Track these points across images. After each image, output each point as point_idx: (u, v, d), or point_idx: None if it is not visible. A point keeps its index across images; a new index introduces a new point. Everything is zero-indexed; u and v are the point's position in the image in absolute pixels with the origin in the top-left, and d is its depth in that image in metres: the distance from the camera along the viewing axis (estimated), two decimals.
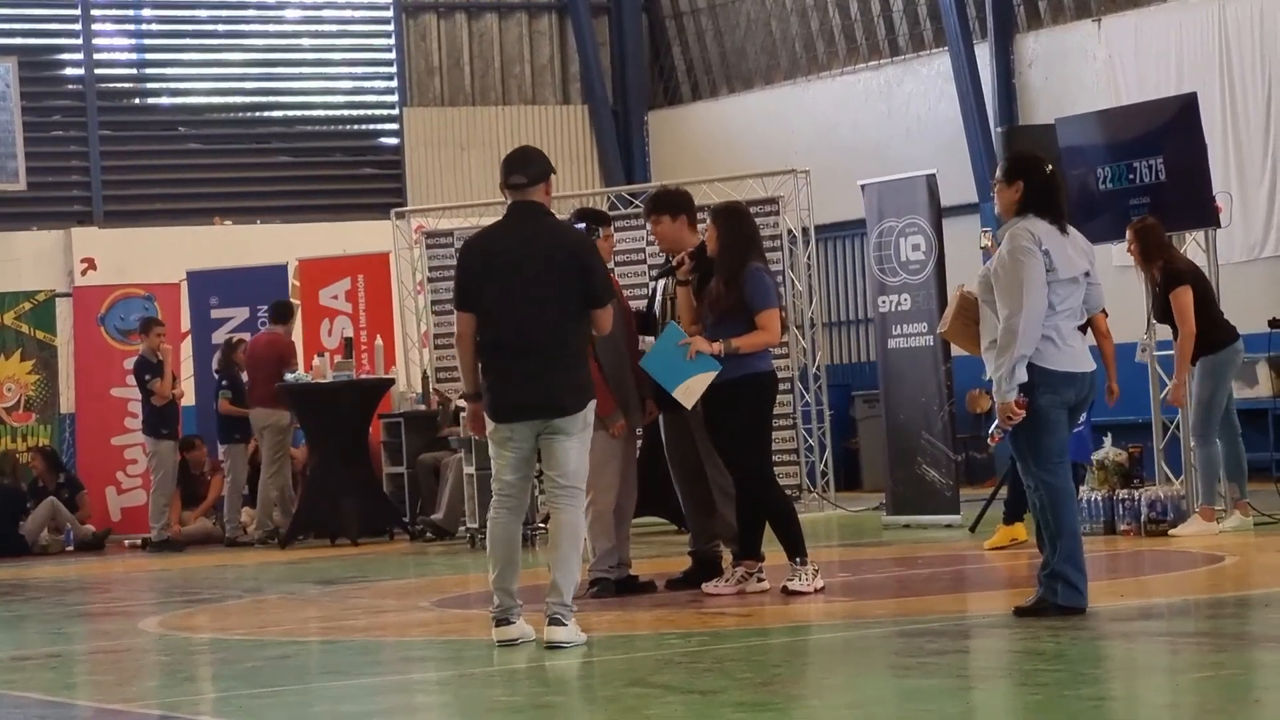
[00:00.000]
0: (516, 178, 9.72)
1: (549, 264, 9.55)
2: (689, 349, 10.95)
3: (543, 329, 9.51)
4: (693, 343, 10.96)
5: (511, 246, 9.63)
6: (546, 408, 9.48)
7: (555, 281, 9.53)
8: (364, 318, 20.85)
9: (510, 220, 9.77)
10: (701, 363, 10.96)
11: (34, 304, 21.38)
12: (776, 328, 11.26)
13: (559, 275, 9.54)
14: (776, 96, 25.90)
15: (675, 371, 11.04)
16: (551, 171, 9.81)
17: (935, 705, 7.40)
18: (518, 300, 9.52)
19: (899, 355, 16.62)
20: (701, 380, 10.99)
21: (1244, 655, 8.45)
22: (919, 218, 16.45)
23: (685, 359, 10.97)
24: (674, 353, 11.03)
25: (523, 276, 9.53)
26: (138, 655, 10.63)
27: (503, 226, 9.82)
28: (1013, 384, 9.28)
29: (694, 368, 10.98)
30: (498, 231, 9.83)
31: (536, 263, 9.55)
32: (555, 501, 9.59)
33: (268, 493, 19.25)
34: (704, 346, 10.96)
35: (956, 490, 16.36)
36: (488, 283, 9.61)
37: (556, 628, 9.39)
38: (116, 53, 26.03)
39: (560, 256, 9.59)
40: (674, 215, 11.82)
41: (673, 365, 11.04)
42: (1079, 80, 22.02)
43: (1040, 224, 9.45)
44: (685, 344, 10.97)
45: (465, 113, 26.84)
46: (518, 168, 9.73)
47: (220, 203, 25.54)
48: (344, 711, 8.07)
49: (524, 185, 9.70)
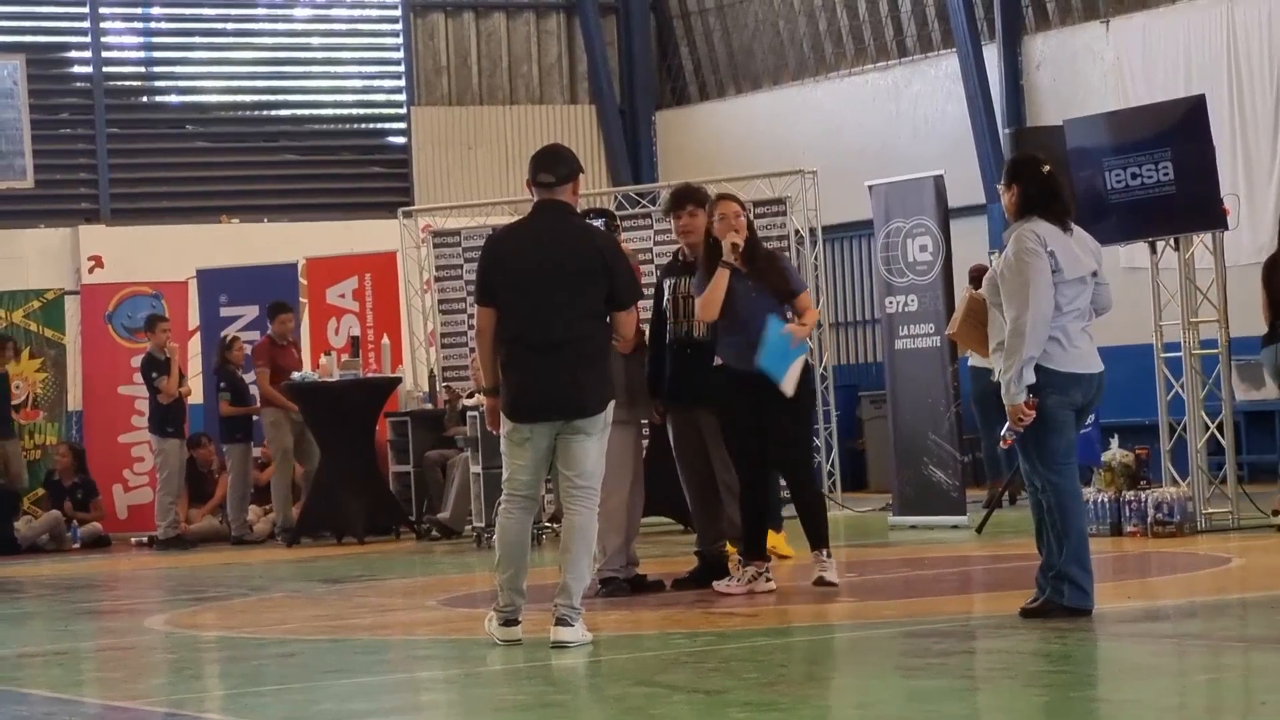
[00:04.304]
0: (545, 176, 9.65)
1: (575, 264, 9.49)
2: (792, 338, 11.14)
3: (565, 328, 9.44)
4: (794, 331, 11.16)
5: (536, 245, 9.56)
6: (568, 407, 9.42)
7: (580, 282, 9.47)
8: (371, 316, 20.86)
9: (536, 218, 9.69)
10: (800, 349, 11.21)
11: (42, 302, 21.41)
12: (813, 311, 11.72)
13: (584, 276, 9.49)
14: (784, 97, 25.90)
15: (782, 362, 11.17)
16: (580, 171, 9.75)
17: (941, 706, 7.40)
18: (541, 299, 9.47)
19: (906, 356, 16.62)
20: (798, 365, 11.20)
21: (1250, 657, 8.45)
22: (926, 219, 16.45)
23: (790, 348, 11.15)
24: (780, 343, 11.13)
25: (546, 276, 9.47)
26: (144, 652, 10.63)
27: (528, 224, 9.75)
28: (1021, 386, 9.27)
29: (794, 355, 11.18)
30: (523, 229, 9.77)
31: (562, 262, 9.49)
32: (570, 502, 9.52)
33: (275, 490, 19.30)
34: (801, 333, 11.21)
35: (963, 491, 16.36)
36: (510, 279, 9.54)
37: (563, 628, 9.37)
38: (125, 51, 26.05)
39: (586, 257, 9.54)
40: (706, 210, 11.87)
41: (780, 357, 11.16)
42: (1087, 81, 22.02)
43: (1044, 225, 9.43)
44: (786, 332, 11.13)
45: (473, 112, 26.85)
46: (547, 166, 9.66)
47: (228, 201, 25.56)
48: (350, 710, 8.08)
49: (552, 184, 9.64)
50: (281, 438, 19.19)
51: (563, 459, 9.51)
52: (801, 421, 11.44)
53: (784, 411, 11.18)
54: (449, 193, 25.70)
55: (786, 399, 11.15)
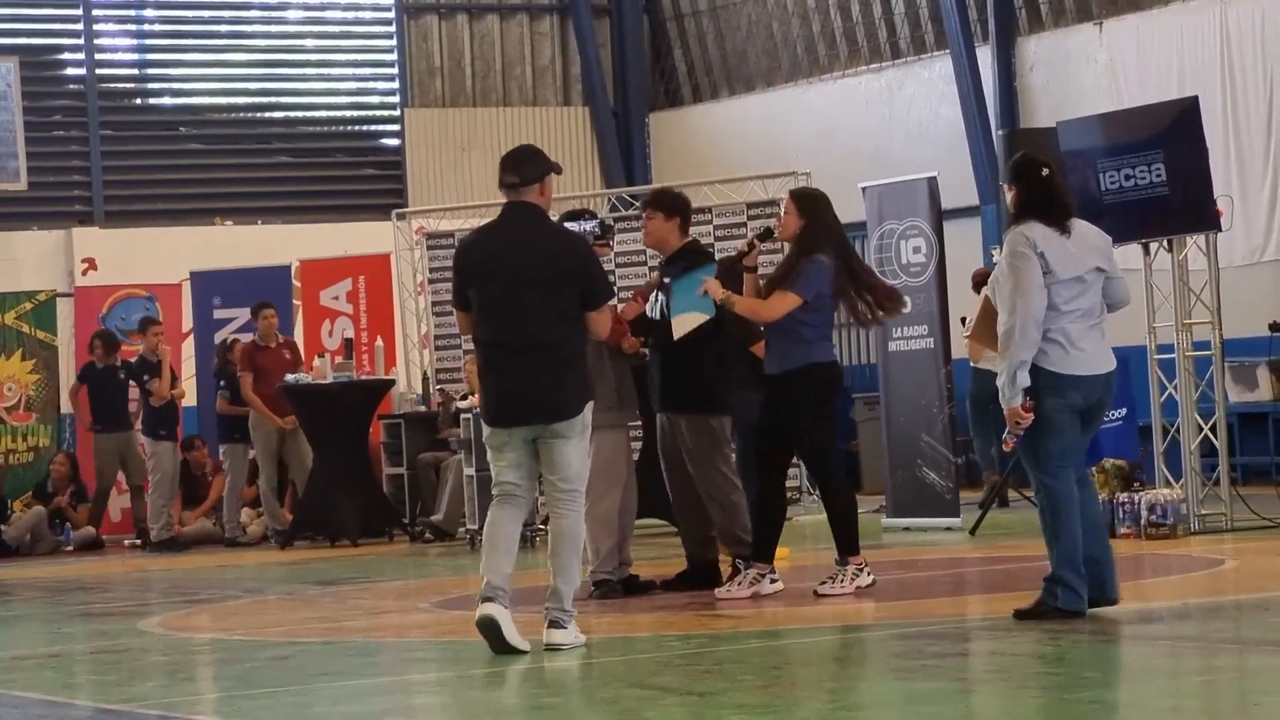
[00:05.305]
0: (509, 177, 9.60)
1: (547, 266, 9.46)
2: (700, 287, 11.18)
3: (540, 331, 9.41)
4: (707, 283, 11.16)
5: (504, 248, 9.53)
6: (544, 412, 9.39)
7: (554, 284, 9.44)
8: (365, 318, 20.86)
9: (504, 221, 9.65)
10: (704, 303, 11.24)
11: (35, 304, 21.39)
12: (778, 309, 11.04)
13: (558, 277, 9.45)
14: (777, 99, 25.91)
15: (683, 301, 11.32)
16: (550, 172, 9.65)
17: (935, 708, 7.39)
18: (512, 302, 9.43)
19: (899, 358, 16.62)
20: (694, 318, 11.33)
21: (1243, 659, 8.45)
22: (920, 220, 16.45)
23: (696, 293, 11.21)
24: (693, 284, 11.27)
25: (517, 278, 9.43)
26: (137, 655, 10.62)
27: (496, 226, 9.71)
28: (1016, 389, 9.25)
29: (696, 305, 11.26)
30: (493, 232, 9.74)
31: (532, 264, 9.45)
32: (556, 506, 9.50)
33: (262, 493, 19.31)
34: (715, 292, 11.16)
35: (956, 493, 16.36)
36: (480, 283, 9.53)
37: (556, 630, 9.35)
38: (118, 53, 26.05)
39: (559, 258, 9.51)
40: (668, 215, 11.84)
41: (686, 295, 11.30)
42: (1080, 83, 22.03)
43: (1037, 227, 9.42)
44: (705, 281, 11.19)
45: (466, 114, 26.85)
46: (510, 167, 9.61)
47: (221, 203, 25.56)
48: (343, 712, 8.07)
49: (516, 185, 9.58)
50: (263, 441, 19.18)
51: (545, 464, 9.47)
52: (817, 427, 11.17)
53: (800, 416, 11.10)
54: (443, 195, 25.70)
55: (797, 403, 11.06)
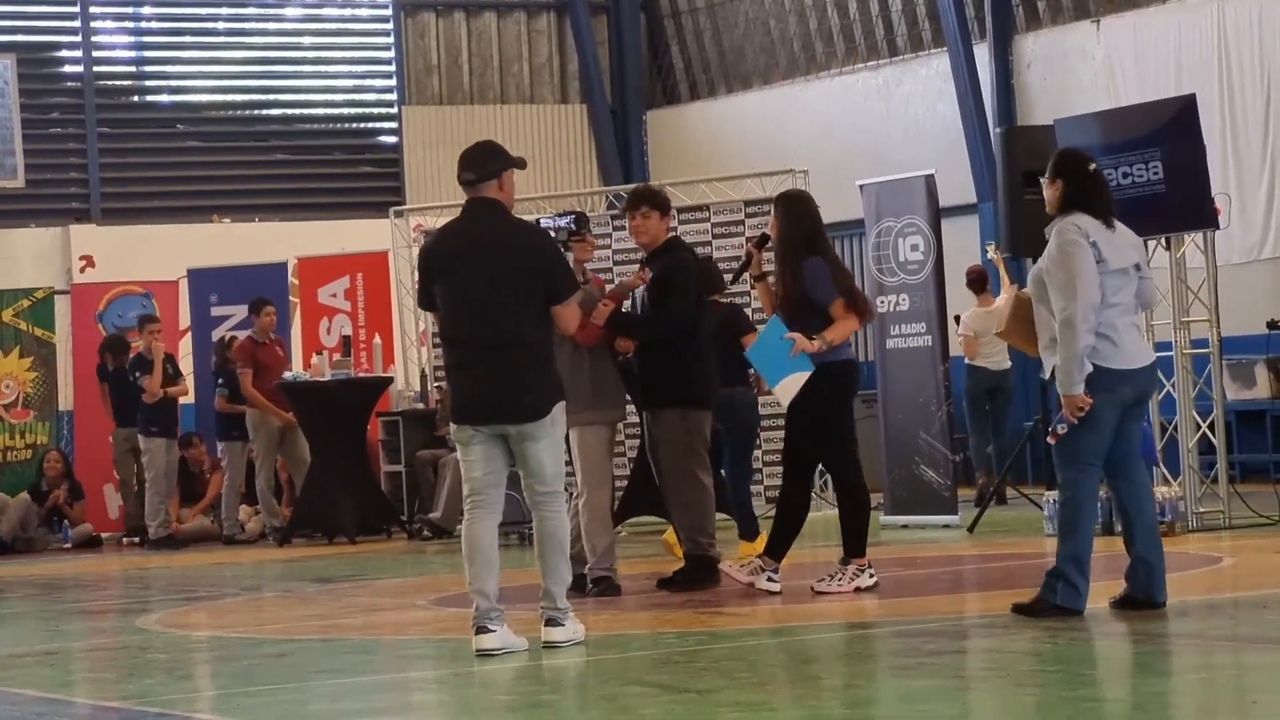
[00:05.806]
0: (465, 174, 9.50)
1: (507, 262, 9.35)
2: (792, 346, 10.91)
3: (504, 327, 9.32)
4: (796, 340, 10.91)
5: (466, 245, 9.44)
6: (512, 413, 9.31)
7: (514, 279, 9.33)
8: (363, 316, 20.86)
9: (464, 219, 9.56)
10: (800, 361, 10.95)
11: (32, 301, 21.38)
12: (851, 326, 11.12)
13: (522, 274, 9.35)
14: (775, 96, 25.91)
15: (776, 367, 11.05)
16: (509, 167, 9.54)
17: (933, 706, 7.40)
18: (476, 299, 9.35)
19: (897, 355, 16.62)
20: (797, 380, 10.97)
21: (1242, 657, 8.45)
22: (917, 218, 16.45)
23: (788, 356, 10.95)
24: (777, 347, 11.02)
25: (479, 275, 9.33)
26: (135, 652, 10.62)
27: (456, 225, 9.62)
28: (1081, 375, 9.23)
29: (793, 365, 10.96)
30: (451, 230, 9.64)
31: (495, 261, 9.35)
32: (537, 509, 9.42)
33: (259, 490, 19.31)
34: (805, 345, 10.91)
35: (954, 491, 16.37)
36: (443, 282, 9.44)
37: (553, 628, 9.34)
38: (115, 50, 26.01)
39: (519, 254, 9.39)
40: (664, 213, 11.86)
41: (775, 361, 11.04)
42: (1078, 81, 22.02)
43: (1086, 218, 9.47)
44: (788, 339, 10.94)
45: (464, 111, 26.83)
46: (465, 164, 9.51)
47: (219, 200, 25.54)
48: (341, 709, 8.07)
49: (473, 181, 9.49)
50: (262, 438, 19.18)
51: (521, 467, 9.42)
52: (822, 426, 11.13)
53: (804, 413, 11.09)
54: (440, 192, 25.62)
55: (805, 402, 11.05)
